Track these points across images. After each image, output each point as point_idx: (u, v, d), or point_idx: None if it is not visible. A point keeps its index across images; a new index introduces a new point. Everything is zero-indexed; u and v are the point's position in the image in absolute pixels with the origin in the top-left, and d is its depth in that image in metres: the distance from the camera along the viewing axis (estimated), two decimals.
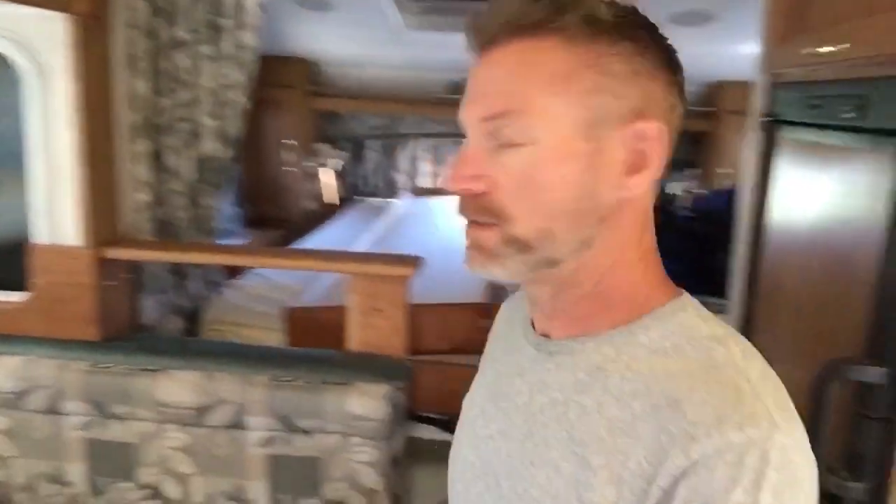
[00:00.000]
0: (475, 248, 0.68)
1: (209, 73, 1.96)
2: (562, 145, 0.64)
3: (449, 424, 1.95)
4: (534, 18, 0.65)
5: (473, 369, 1.91)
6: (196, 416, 1.63)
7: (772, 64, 1.63)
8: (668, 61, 0.67)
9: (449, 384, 1.93)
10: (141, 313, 1.95)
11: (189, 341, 1.86)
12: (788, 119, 1.55)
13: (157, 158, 1.95)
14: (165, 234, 1.98)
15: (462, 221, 0.69)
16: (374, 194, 4.43)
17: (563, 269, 0.68)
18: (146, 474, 1.68)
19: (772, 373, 0.64)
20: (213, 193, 2.07)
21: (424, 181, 4.37)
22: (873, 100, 1.16)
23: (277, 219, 3.97)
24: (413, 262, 1.72)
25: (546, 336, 0.74)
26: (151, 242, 1.88)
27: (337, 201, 4.34)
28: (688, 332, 0.65)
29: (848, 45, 1.21)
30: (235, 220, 3.59)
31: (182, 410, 1.63)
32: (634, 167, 0.66)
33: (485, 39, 0.67)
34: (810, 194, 1.36)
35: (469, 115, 0.68)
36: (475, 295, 2.25)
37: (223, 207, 3.49)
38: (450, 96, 3.95)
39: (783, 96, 1.63)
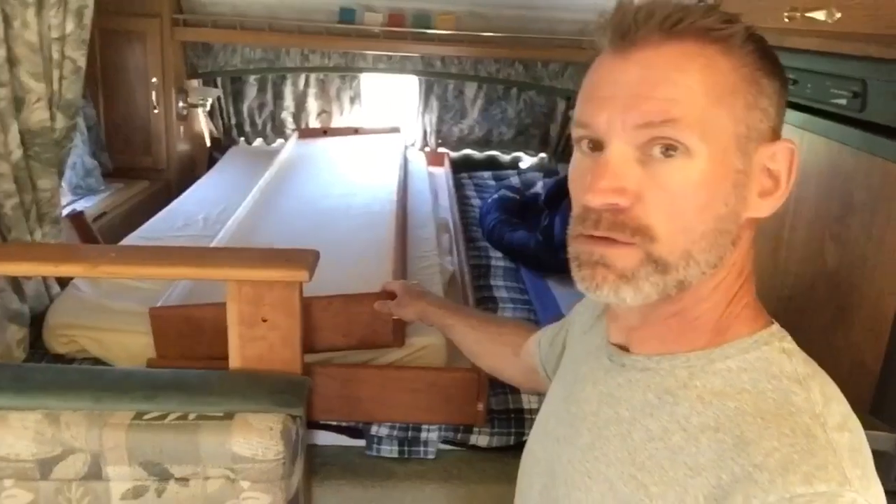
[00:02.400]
0: (605, 266, 0.63)
1: (29, 23, 1.53)
2: (722, 161, 0.62)
3: (354, 430, 1.72)
4: (698, 24, 0.62)
5: (378, 369, 1.65)
6: (39, 470, 1.31)
7: (725, 8, 1.38)
8: (785, 81, 0.66)
9: (350, 388, 1.69)
10: None
11: (26, 370, 1.50)
12: None
13: None
14: None
15: (577, 233, 0.65)
16: (256, 136, 4.00)
17: (685, 289, 0.65)
18: None
19: (854, 423, 0.60)
20: (50, 173, 1.67)
21: (312, 121, 3.97)
22: (873, 88, 0.94)
23: (144, 168, 3.51)
24: (307, 261, 1.42)
25: (621, 347, 0.72)
26: None
27: (210, 146, 3.90)
28: (768, 367, 0.62)
29: (840, 16, 0.97)
30: (92, 174, 3.11)
31: (20, 463, 1.31)
32: (768, 188, 0.65)
33: (631, 37, 0.63)
34: None
35: (617, 120, 0.62)
36: (376, 271, 1.98)
37: (78, 160, 3.05)
38: (340, 25, 3.56)
39: None
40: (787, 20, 1.06)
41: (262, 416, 1.34)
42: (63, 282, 1.93)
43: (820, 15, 0.98)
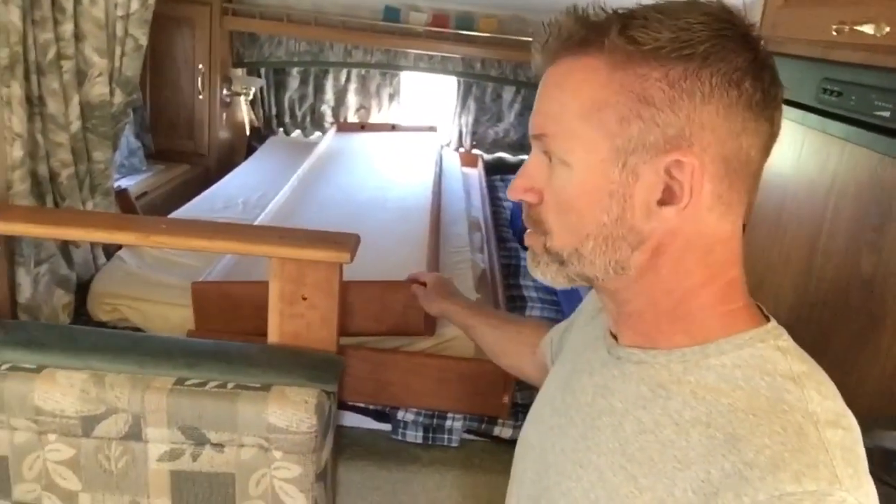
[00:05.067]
0: (528, 250, 0.73)
1: (98, 0, 1.60)
2: (594, 171, 0.64)
3: (381, 414, 1.76)
4: (579, 37, 0.64)
5: (408, 356, 1.68)
6: (82, 427, 1.36)
7: (771, 28, 1.41)
8: (741, 78, 0.61)
9: (380, 372, 1.73)
10: (17, 289, 1.64)
11: (76, 332, 1.56)
12: (790, 98, 1.34)
13: (34, 104, 1.60)
14: (48, 194, 1.65)
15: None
16: (295, 128, 4.07)
17: (604, 286, 0.70)
18: (23, 491, 1.41)
19: (849, 422, 0.60)
20: (105, 146, 1.73)
21: (350, 115, 4.02)
22: None
23: (186, 152, 3.59)
24: (349, 243, 1.47)
25: (616, 339, 0.73)
26: (29, 211, 1.55)
27: (249, 135, 3.97)
28: (763, 364, 0.62)
29: (889, 30, 1.00)
30: (136, 154, 3.19)
31: (65, 420, 1.36)
32: (667, 198, 0.63)
33: (546, 55, 0.68)
34: (813, 195, 1.17)
35: (529, 129, 0.70)
36: (410, 262, 2.02)
37: (123, 139, 3.12)
38: (383, 23, 3.61)
39: (784, 70, 1.42)
40: (835, 34, 1.09)
41: (297, 390, 1.38)
42: (109, 252, 1.99)
43: (869, 29, 1.00)
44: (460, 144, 4.07)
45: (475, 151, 4.05)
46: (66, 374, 1.37)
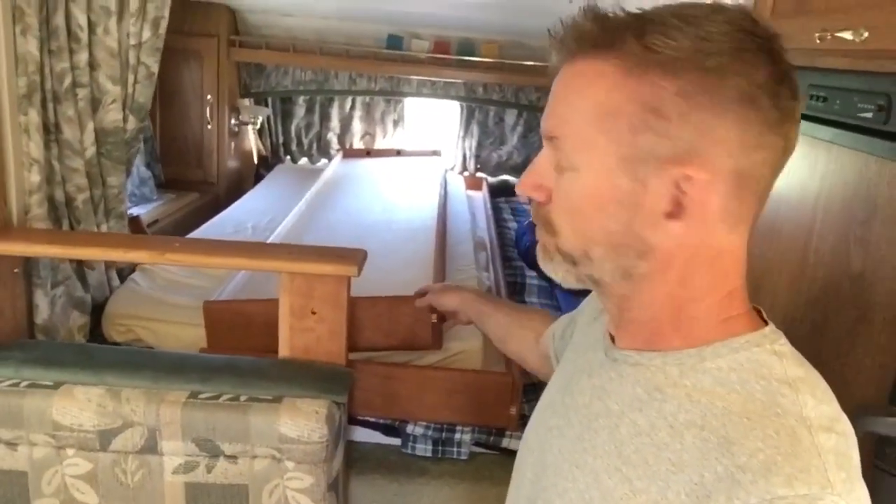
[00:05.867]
0: (538, 246, 0.73)
1: (111, 30, 1.66)
2: (602, 178, 0.64)
3: (391, 428, 1.79)
4: (594, 38, 0.63)
5: (416, 369, 1.71)
6: (99, 441, 1.40)
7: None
8: (759, 95, 0.60)
9: (389, 386, 1.76)
10: (35, 310, 1.68)
11: (92, 349, 1.60)
12: None
13: (50, 131, 1.66)
14: (63, 218, 1.70)
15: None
16: (302, 156, 4.13)
17: (611, 290, 0.70)
18: None
19: (843, 427, 0.60)
20: (119, 171, 1.79)
21: (356, 142, 4.09)
22: None
23: (195, 181, 3.65)
24: (356, 258, 1.51)
25: (614, 341, 0.74)
26: (47, 233, 1.60)
27: (256, 163, 4.04)
28: (758, 369, 0.62)
29: (867, 35, 1.04)
30: (147, 183, 3.25)
31: (82, 434, 1.40)
32: (675, 211, 0.62)
33: (561, 53, 0.67)
34: (804, 198, 1.21)
35: (541, 128, 0.69)
36: (417, 279, 2.06)
37: (134, 169, 3.19)
38: (387, 50, 3.69)
39: None
40: (818, 41, 1.13)
41: (308, 401, 1.41)
42: (123, 276, 2.04)
43: (848, 35, 1.04)
44: (464, 168, 4.13)
45: (479, 175, 4.10)
46: (84, 390, 1.41)
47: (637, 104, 0.61)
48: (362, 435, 1.79)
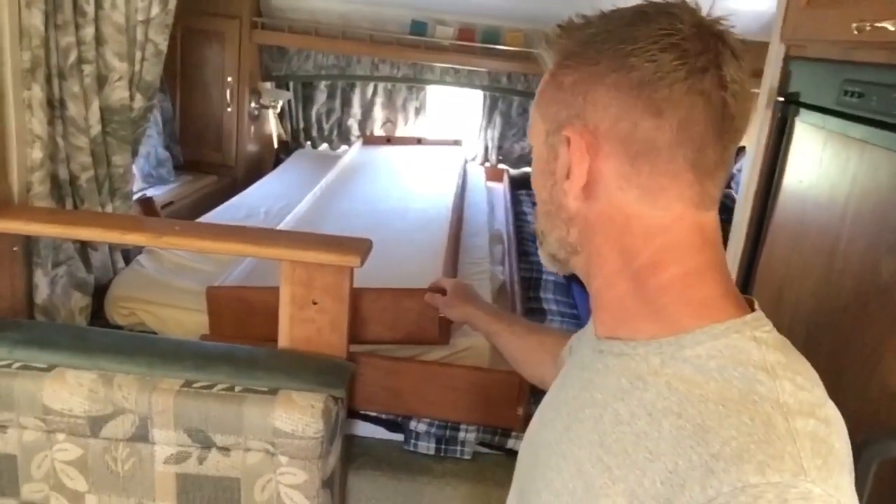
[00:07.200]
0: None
1: (118, 4, 1.62)
2: (538, 154, 0.72)
3: (394, 424, 1.74)
4: (552, 40, 0.70)
5: (420, 364, 1.65)
6: (90, 427, 1.36)
7: (792, 31, 1.38)
8: (632, 55, 0.62)
9: (392, 380, 1.71)
10: (34, 290, 1.65)
11: (87, 332, 1.57)
12: (810, 102, 1.31)
13: (55, 107, 1.62)
14: (67, 197, 1.67)
15: None
16: (322, 141, 4.09)
17: (568, 267, 0.74)
18: (31, 491, 1.41)
19: (825, 413, 0.59)
20: (124, 150, 1.75)
21: (376, 129, 4.04)
22: None
23: (214, 164, 3.62)
24: (360, 248, 1.46)
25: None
26: (44, 211, 1.57)
27: (277, 148, 4.00)
28: (737, 355, 0.61)
29: None
30: (164, 165, 3.23)
31: (73, 419, 1.36)
32: (568, 174, 0.67)
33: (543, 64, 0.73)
34: (833, 200, 1.13)
35: None
36: (427, 270, 2.00)
37: (152, 150, 3.17)
38: (410, 36, 3.62)
39: (805, 73, 1.38)
40: (856, 32, 1.05)
41: (304, 395, 1.36)
42: (129, 258, 2.01)
43: (890, 25, 0.97)
44: (486, 159, 4.06)
45: (501, 166, 4.03)
46: (76, 374, 1.38)
47: (553, 84, 0.68)
48: (365, 429, 1.75)
